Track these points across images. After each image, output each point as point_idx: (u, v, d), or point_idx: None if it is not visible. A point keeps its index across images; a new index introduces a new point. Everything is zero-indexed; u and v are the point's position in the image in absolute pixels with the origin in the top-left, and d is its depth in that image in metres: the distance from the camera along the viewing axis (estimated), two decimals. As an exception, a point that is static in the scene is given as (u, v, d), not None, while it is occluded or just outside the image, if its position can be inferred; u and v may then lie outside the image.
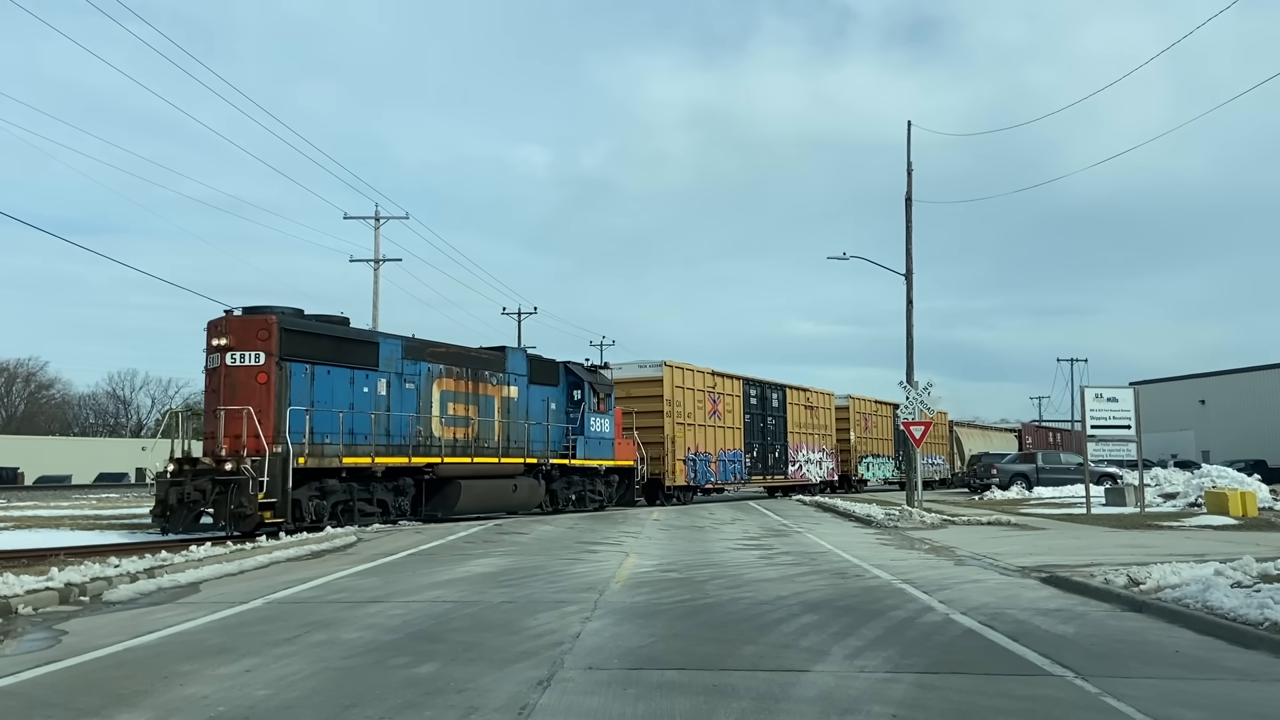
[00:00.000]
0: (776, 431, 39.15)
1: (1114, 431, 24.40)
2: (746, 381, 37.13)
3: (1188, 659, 6.86)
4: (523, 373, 24.85)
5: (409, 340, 21.48)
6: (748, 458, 36.47)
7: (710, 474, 33.70)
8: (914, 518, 21.31)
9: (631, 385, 31.24)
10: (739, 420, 36.01)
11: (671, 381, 31.79)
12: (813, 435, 42.28)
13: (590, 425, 27.02)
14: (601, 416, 27.64)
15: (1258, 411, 63.50)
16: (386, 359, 20.44)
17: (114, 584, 10.38)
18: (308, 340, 18.63)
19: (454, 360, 22.68)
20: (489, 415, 23.47)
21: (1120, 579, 10.02)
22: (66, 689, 6.10)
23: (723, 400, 34.97)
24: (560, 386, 26.58)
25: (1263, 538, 16.12)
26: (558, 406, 26.26)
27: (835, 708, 5.42)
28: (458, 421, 22.45)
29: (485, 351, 24.18)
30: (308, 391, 18.40)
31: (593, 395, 27.20)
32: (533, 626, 8.11)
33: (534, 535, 18.42)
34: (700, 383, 33.59)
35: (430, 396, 21.59)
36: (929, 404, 26.64)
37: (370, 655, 6.97)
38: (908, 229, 30.04)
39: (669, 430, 31.32)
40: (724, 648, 7.18)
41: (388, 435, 20.27)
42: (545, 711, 5.39)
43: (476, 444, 22.86)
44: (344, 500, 19.10)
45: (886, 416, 49.36)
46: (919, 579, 11.21)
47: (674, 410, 31.59)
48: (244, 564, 12.54)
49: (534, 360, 25.66)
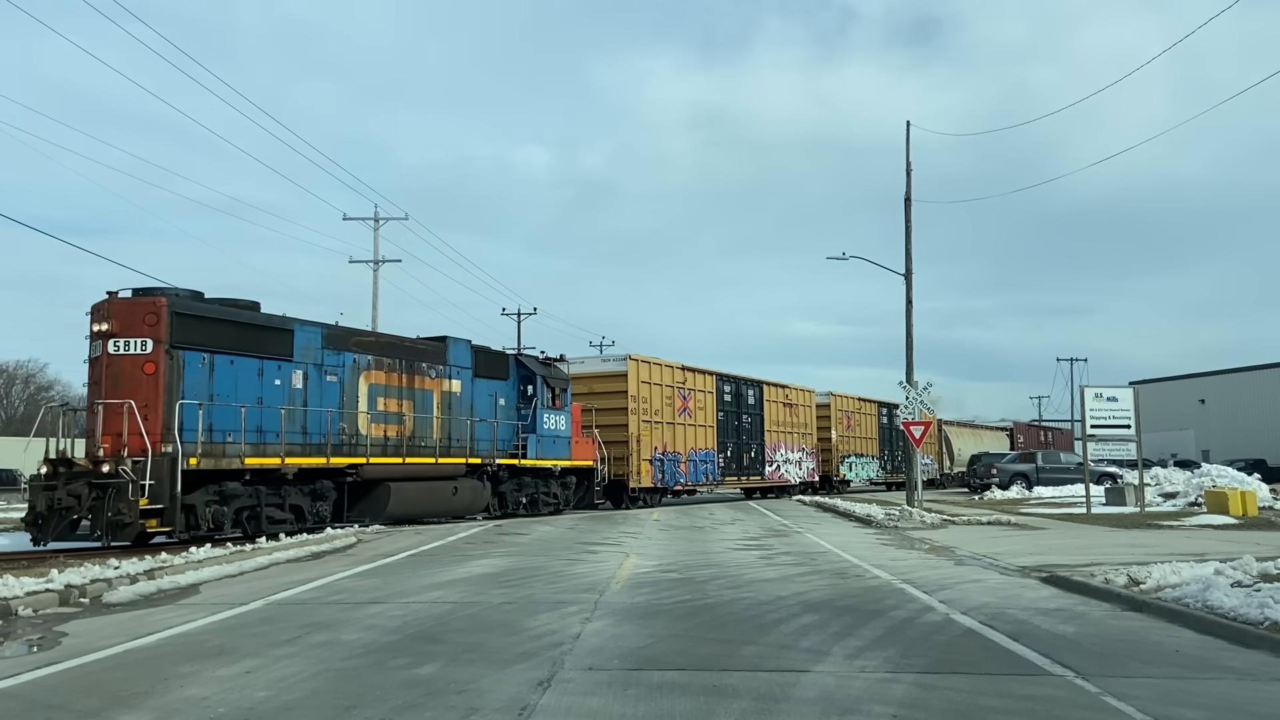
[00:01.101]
0: (753, 430, 37.46)
1: (1114, 431, 24.42)
2: (720, 377, 35.50)
3: (1188, 658, 6.85)
4: (467, 365, 22.95)
5: (331, 328, 19.45)
6: (721, 457, 34.84)
7: (680, 475, 32.04)
8: (914, 518, 21.32)
9: (593, 380, 29.46)
10: (712, 418, 34.42)
11: (637, 376, 29.96)
12: (792, 434, 40.59)
13: (543, 422, 25.05)
14: (557, 413, 25.68)
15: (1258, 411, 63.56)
16: (303, 348, 18.44)
17: (114, 586, 10.38)
18: (205, 326, 16.59)
19: (385, 351, 20.77)
20: (426, 411, 21.53)
21: (1120, 578, 10.02)
22: (67, 690, 6.10)
23: (694, 397, 33.28)
24: (510, 381, 24.62)
25: (1263, 537, 16.12)
26: (507, 402, 24.33)
27: (836, 708, 5.42)
28: (389, 418, 20.48)
29: (423, 342, 22.30)
30: (205, 384, 16.40)
31: (546, 390, 25.25)
32: (533, 627, 8.11)
33: (534, 536, 18.43)
34: (669, 378, 31.86)
35: (356, 390, 19.65)
36: (929, 404, 26.63)
37: (370, 656, 6.97)
38: (907, 229, 30.09)
39: (634, 428, 29.48)
40: (724, 648, 7.18)
41: (304, 433, 18.26)
42: (545, 712, 5.38)
43: (411, 443, 20.93)
44: (250, 506, 17.13)
45: (870, 414, 48.21)
46: (919, 579, 11.21)
47: (639, 407, 29.80)
48: (244, 565, 12.55)
49: (480, 352, 23.69)
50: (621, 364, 30.02)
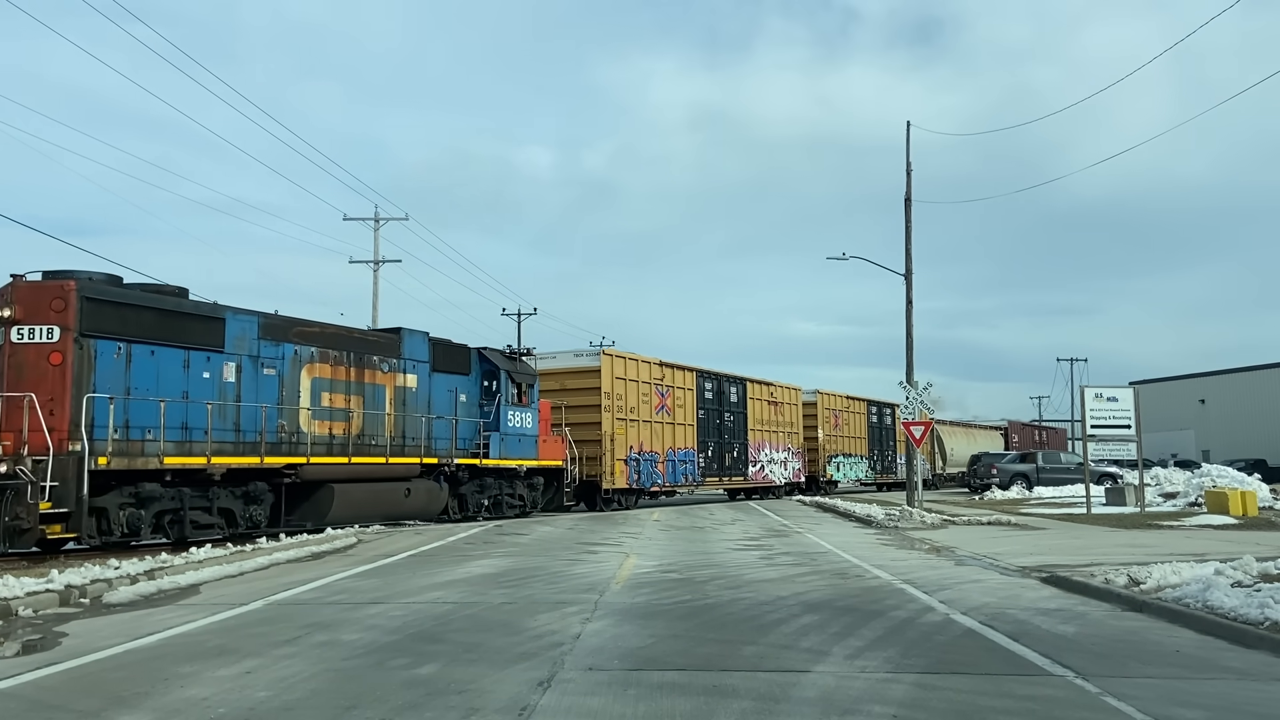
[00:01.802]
0: (735, 429, 35.83)
1: (1114, 431, 24.43)
2: (701, 374, 33.92)
3: (1188, 659, 6.86)
4: (423, 359, 21.46)
5: (268, 317, 17.91)
6: (701, 457, 33.30)
7: (657, 475, 30.51)
8: (914, 518, 21.33)
9: (565, 376, 28.06)
10: (692, 416, 32.87)
11: (611, 372, 28.44)
12: (777, 433, 38.95)
13: (507, 420, 23.56)
14: (522, 410, 24.17)
15: (1258, 411, 63.56)
16: (236, 339, 16.97)
17: (114, 586, 10.39)
18: (122, 313, 15.13)
19: (331, 342, 19.20)
20: (378, 408, 20.03)
21: (1121, 579, 10.03)
22: (67, 691, 6.10)
23: (673, 394, 31.82)
24: (472, 376, 23.12)
25: (1263, 537, 16.13)
26: (469, 398, 22.82)
27: (836, 708, 5.42)
28: (335, 415, 18.93)
29: (375, 334, 21.03)
30: (121, 376, 14.98)
31: (511, 386, 23.77)
32: (533, 627, 8.11)
33: (534, 536, 18.46)
34: (646, 374, 30.37)
35: (297, 384, 18.15)
36: (929, 404, 26.64)
37: (371, 656, 6.97)
38: (907, 229, 30.12)
39: (607, 426, 27.99)
40: (724, 648, 7.19)
41: (237, 431, 16.83)
42: (546, 712, 5.39)
43: (360, 441, 19.49)
44: (172, 510, 15.65)
45: (859, 413, 46.95)
46: (919, 579, 11.21)
47: (613, 404, 28.34)
48: (244, 566, 12.56)
49: (438, 345, 22.15)
50: (595, 359, 28.67)
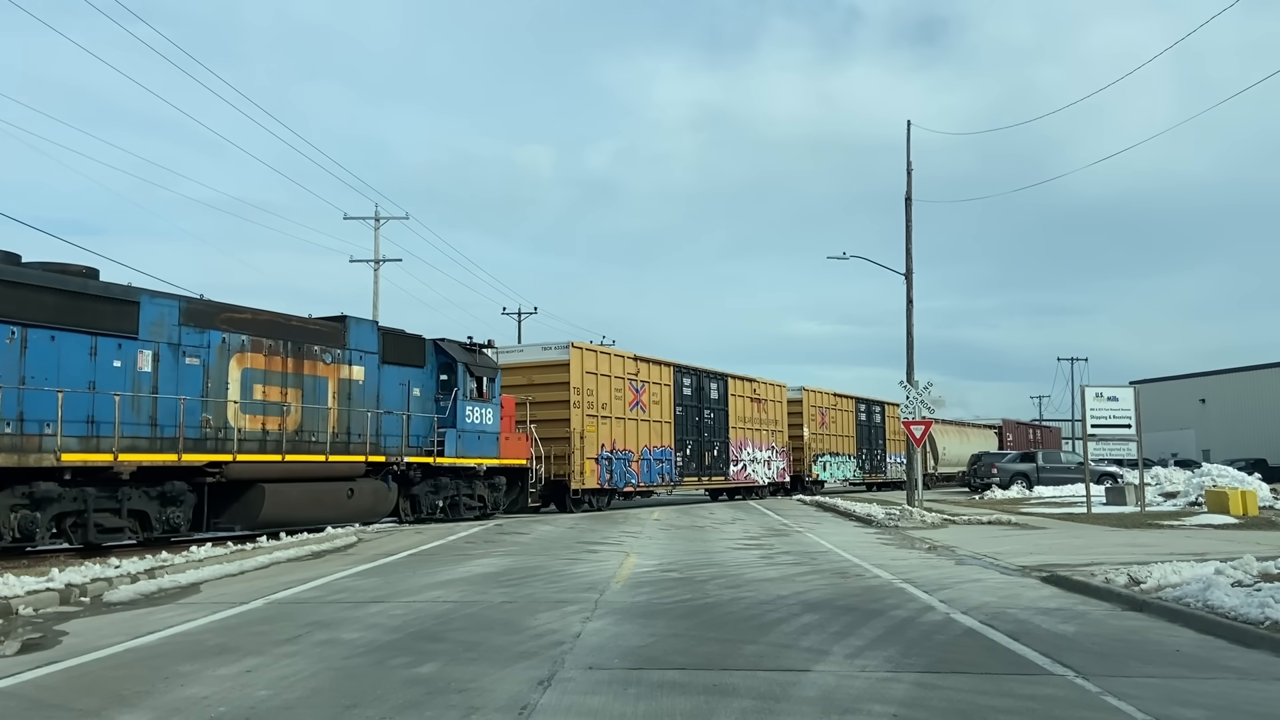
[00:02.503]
0: (716, 426, 34.53)
1: (1114, 431, 24.43)
2: (678, 369, 32.56)
3: (1189, 658, 6.86)
4: (372, 349, 20.04)
5: (192, 301, 16.47)
6: (679, 456, 31.98)
7: (631, 475, 29.19)
8: (914, 517, 21.35)
9: (532, 371, 26.96)
10: (669, 413, 31.55)
11: (580, 366, 27.19)
12: (760, 431, 37.67)
13: (465, 416, 22.14)
14: (482, 406, 22.73)
15: (1258, 410, 63.56)
16: (153, 324, 15.51)
17: (114, 585, 10.38)
18: (16, 294, 13.87)
19: (266, 330, 17.70)
20: (319, 401, 18.58)
21: (1121, 578, 10.03)
22: (67, 689, 6.10)
23: (648, 390, 30.46)
24: (427, 368, 21.69)
25: (1263, 537, 16.12)
26: (423, 392, 21.41)
27: (836, 707, 5.42)
28: (270, 409, 17.50)
29: (317, 322, 19.41)
30: (14, 363, 13.75)
31: (470, 380, 22.37)
32: (533, 626, 8.12)
33: (534, 535, 18.48)
34: (619, 368, 29.09)
35: (225, 375, 16.75)
36: (929, 403, 26.63)
37: (371, 655, 6.97)
38: (907, 229, 30.13)
39: (576, 424, 26.74)
40: (725, 647, 7.18)
41: (153, 425, 15.33)
42: (546, 711, 5.39)
43: (298, 438, 18.10)
44: (74, 511, 14.32)
45: (847, 411, 45.88)
46: (919, 578, 11.22)
47: (583, 400, 27.09)
48: (244, 564, 12.55)
49: (389, 335, 20.78)
50: (563, 353, 27.24)
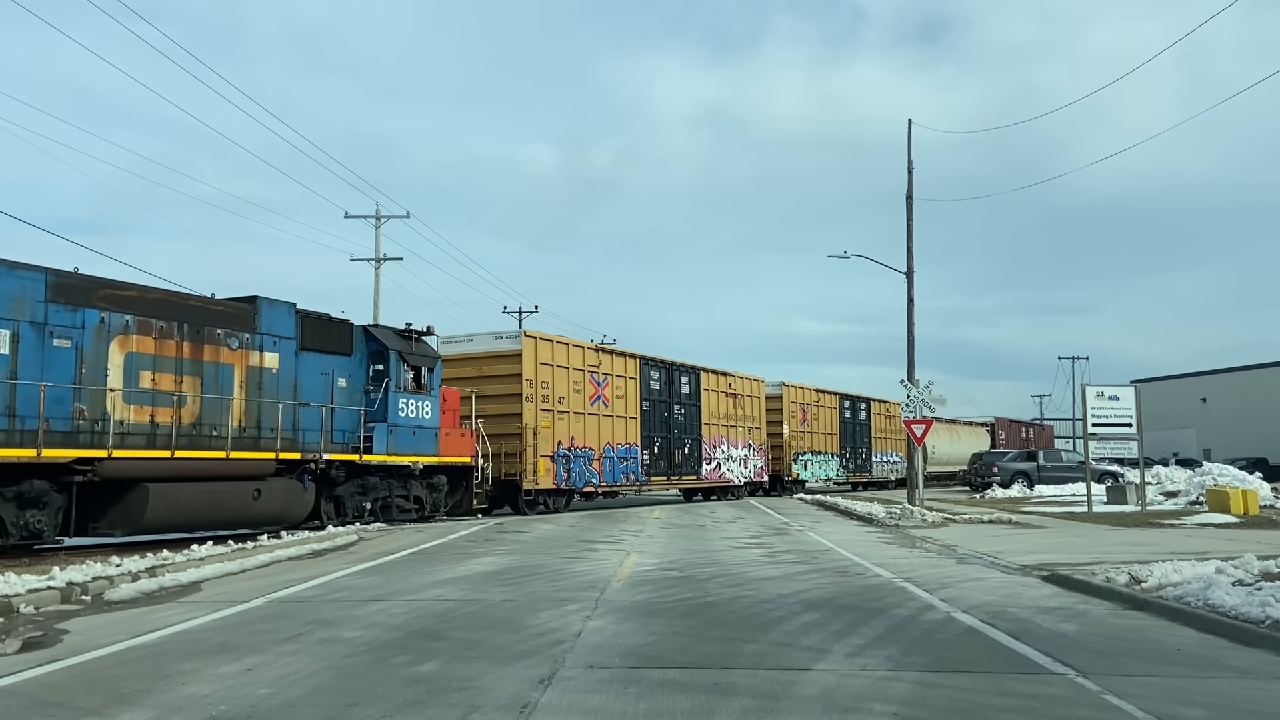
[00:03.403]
0: (687, 423, 32.73)
1: (1115, 429, 24.43)
2: (646, 361, 30.83)
3: (1189, 657, 6.86)
4: (288, 335, 18.03)
5: (62, 275, 14.48)
6: (646, 454, 30.21)
7: (591, 474, 27.51)
8: (915, 516, 21.35)
9: (482, 361, 25.20)
10: (635, 408, 29.77)
11: (534, 357, 25.41)
12: (736, 428, 35.86)
13: (398, 409, 20.23)
14: (419, 398, 20.82)
15: (1259, 409, 63.49)
16: (12, 301, 13.60)
17: (115, 583, 10.39)
18: None
19: (156, 310, 15.61)
20: (222, 391, 16.55)
21: (1122, 577, 10.03)
22: (68, 688, 6.10)
23: (611, 383, 28.75)
24: (356, 357, 19.77)
25: (1264, 536, 16.12)
26: (350, 383, 19.47)
27: (837, 706, 5.42)
28: (160, 399, 15.43)
29: (222, 303, 17.24)
30: None
31: (404, 369, 20.50)
32: (534, 625, 8.12)
33: (535, 534, 18.49)
34: (578, 360, 27.40)
35: (104, 360, 14.79)
36: (930, 402, 26.62)
37: (372, 654, 6.97)
38: (908, 227, 30.11)
39: (529, 418, 24.91)
40: (725, 646, 7.18)
41: (11, 415, 13.52)
42: (547, 710, 5.39)
43: (196, 432, 16.05)
44: None
45: (830, 407, 44.19)
46: (920, 577, 11.22)
47: (537, 393, 25.33)
48: (245, 563, 12.56)
49: (309, 319, 18.63)
50: (515, 342, 25.57)
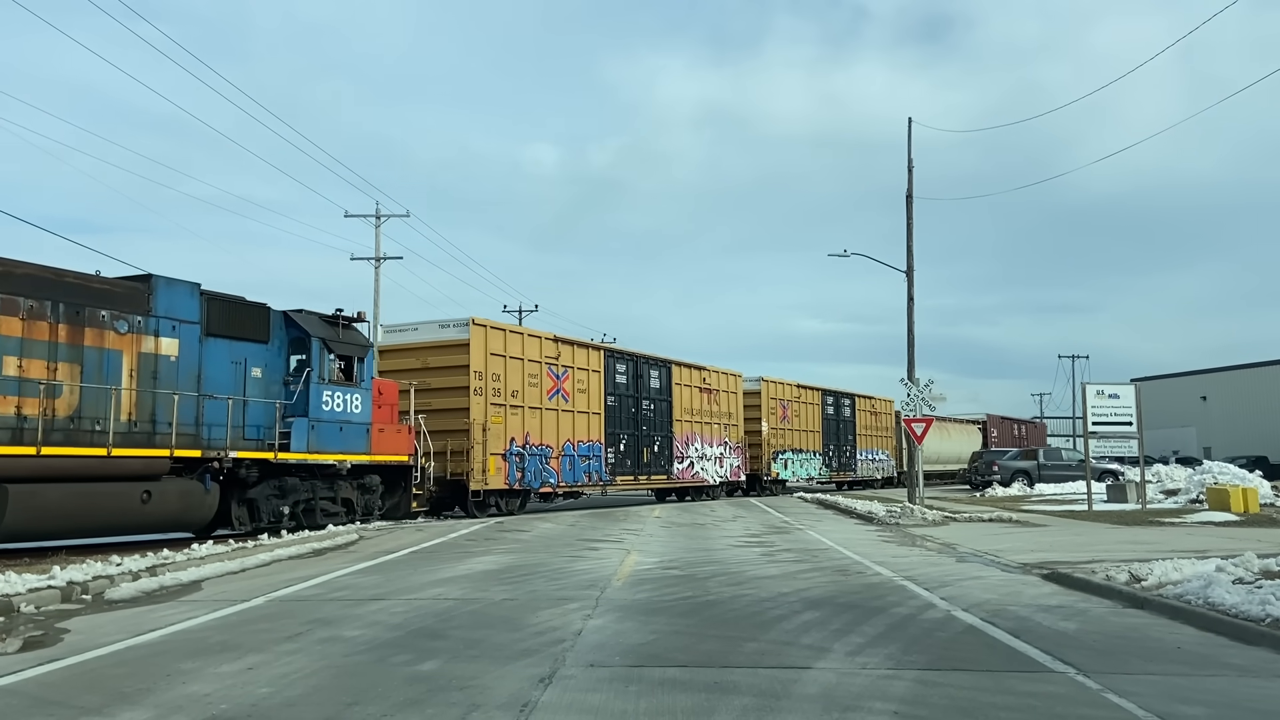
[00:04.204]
0: (657, 419, 31.09)
1: (1115, 428, 24.43)
2: (611, 354, 29.49)
3: (1190, 655, 6.86)
4: (191, 318, 15.85)
5: None
6: (611, 452, 28.64)
7: (549, 473, 25.78)
8: (915, 514, 21.37)
9: (427, 352, 23.56)
10: (598, 403, 28.19)
11: (484, 347, 23.66)
12: (711, 424, 34.37)
13: (321, 403, 18.16)
14: (347, 391, 18.88)
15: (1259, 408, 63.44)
16: None
17: (116, 582, 10.39)
18: None
19: (24, 288, 13.67)
20: (108, 380, 14.60)
21: (1122, 575, 10.03)
22: (68, 687, 6.10)
23: (572, 376, 27.11)
24: (273, 345, 17.69)
25: (1264, 534, 16.12)
26: (266, 374, 17.39)
27: (837, 705, 5.42)
28: (27, 388, 13.61)
29: (108, 282, 15.17)
30: None
31: (330, 359, 18.48)
32: (535, 624, 8.12)
33: (535, 533, 18.50)
34: (534, 351, 25.68)
35: None
36: (930, 400, 26.64)
37: (372, 653, 6.97)
38: (908, 226, 30.13)
39: (477, 413, 23.15)
40: (726, 645, 7.19)
41: None
42: (547, 709, 5.39)
43: (73, 426, 14.10)
44: None
45: (812, 404, 42.81)
46: (920, 576, 11.22)
47: (487, 386, 23.58)
48: (246, 562, 12.56)
49: (217, 301, 16.49)
50: (462, 330, 23.65)
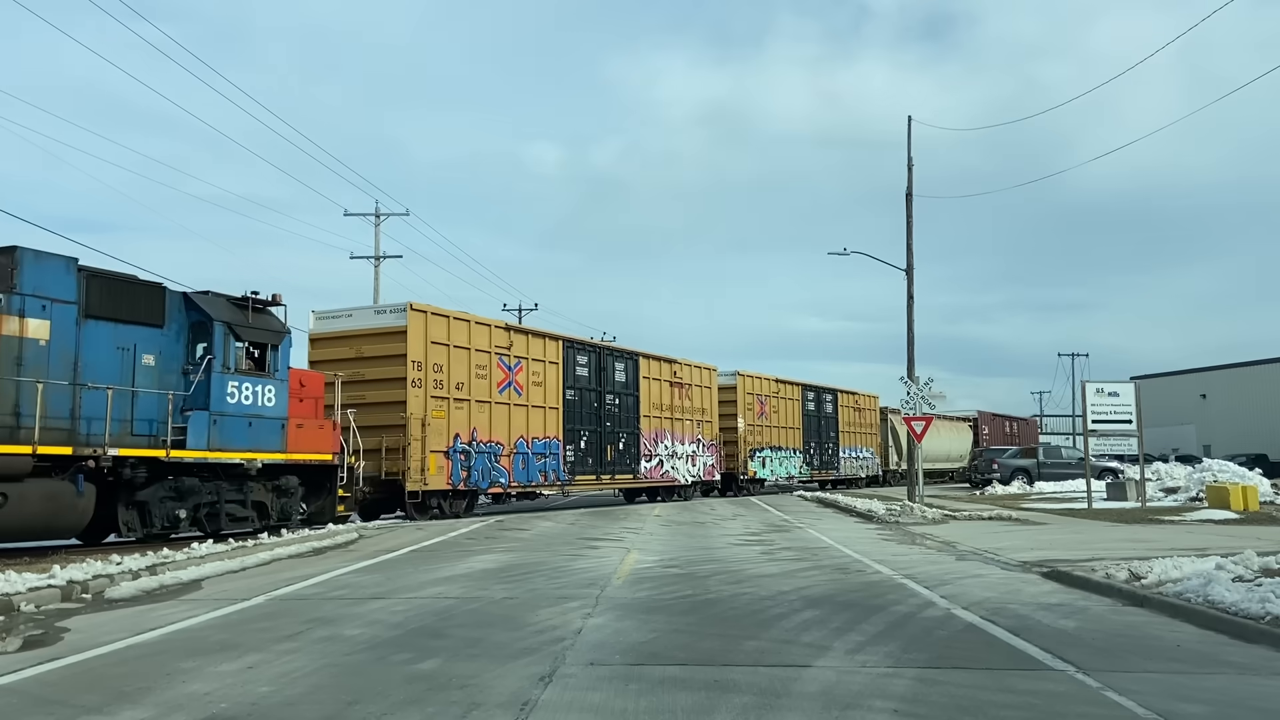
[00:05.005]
0: (622, 415, 29.47)
1: (1115, 426, 24.43)
2: (570, 344, 27.65)
3: (1189, 653, 6.86)
4: (66, 298, 13.85)
5: None
6: (571, 449, 26.90)
7: (499, 472, 23.89)
8: (915, 513, 21.37)
9: (361, 340, 21.54)
10: (556, 397, 26.42)
11: (424, 334, 21.74)
12: (682, 421, 32.53)
13: (226, 395, 15.88)
14: (259, 382, 16.55)
15: (1259, 406, 63.44)
16: None
17: (116, 581, 10.40)
18: None
19: None
20: None
21: (1122, 574, 10.03)
22: (69, 686, 6.10)
23: (526, 368, 25.24)
24: (170, 329, 15.48)
25: (1264, 532, 16.11)
26: (161, 361, 15.22)
27: (837, 703, 5.42)
28: None
29: None
30: None
31: (235, 346, 16.18)
32: (535, 622, 8.12)
33: (536, 531, 18.50)
34: (483, 340, 23.72)
35: None
36: (930, 399, 26.64)
37: (373, 651, 6.98)
38: (908, 224, 30.12)
39: (416, 407, 21.23)
40: (726, 643, 7.19)
41: None
42: (547, 707, 5.39)
43: None
44: None
45: (792, 399, 40.81)
46: (920, 574, 11.22)
47: (427, 377, 21.69)
48: (246, 561, 12.56)
49: (99, 280, 14.46)
50: (399, 316, 21.66)
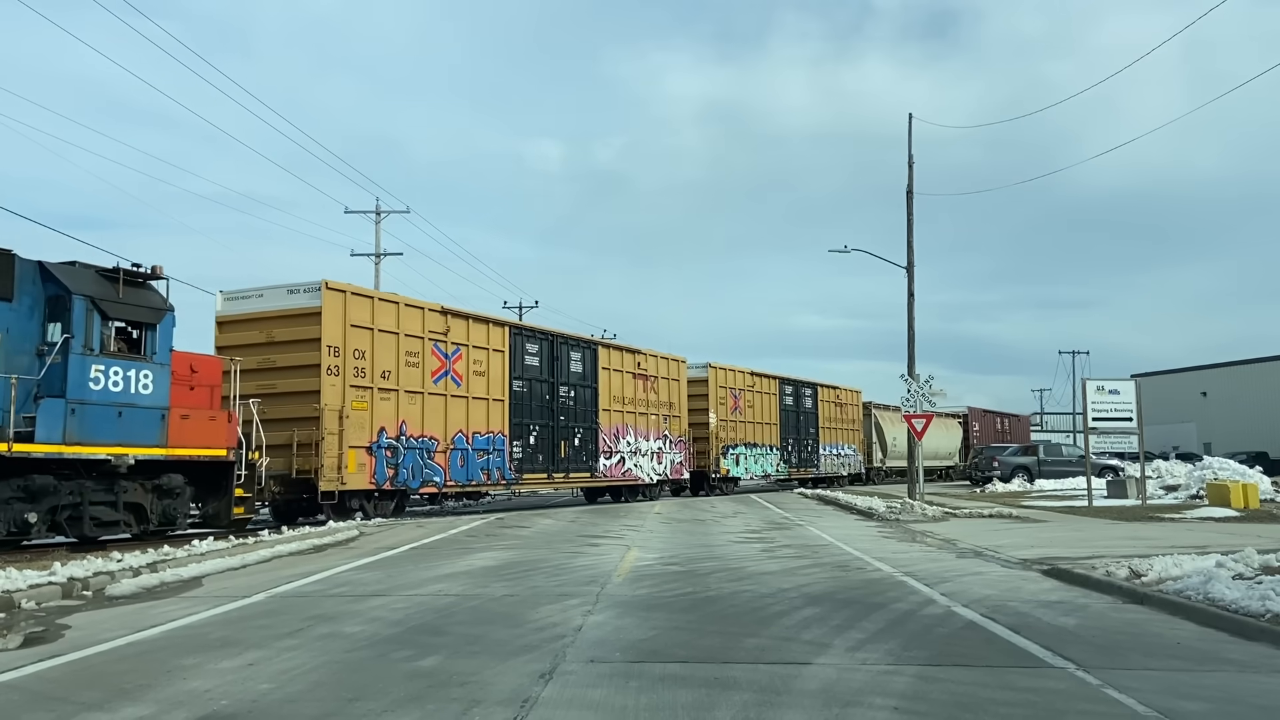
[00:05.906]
0: (578, 409, 27.06)
1: (1115, 424, 24.44)
2: (518, 331, 25.26)
3: (1189, 651, 6.86)
4: None
5: None
6: (518, 445, 24.43)
7: (434, 470, 21.57)
8: (915, 511, 21.36)
9: (272, 323, 19.22)
10: (501, 388, 23.89)
11: (341, 316, 19.34)
12: (647, 415, 30.34)
13: (88, 380, 13.83)
14: (133, 366, 14.43)
15: (1260, 403, 63.44)
16: None
17: (117, 578, 10.40)
18: None
19: None
20: None
21: (1122, 571, 10.03)
22: (69, 683, 6.11)
23: (466, 355, 22.74)
24: (20, 304, 13.60)
25: (1264, 530, 16.11)
26: (9, 340, 13.28)
27: (837, 700, 5.42)
28: None
29: None
30: None
31: (101, 325, 14.10)
32: (535, 620, 8.12)
33: (536, 529, 18.51)
34: (415, 324, 21.34)
35: None
36: (930, 397, 26.63)
37: (373, 649, 6.98)
38: (909, 222, 30.11)
39: (332, 398, 18.93)
40: (726, 640, 7.19)
41: None
42: (548, 704, 5.39)
43: None
44: None
45: (769, 394, 38.58)
46: (920, 572, 11.22)
47: (346, 364, 19.32)
48: (246, 558, 12.57)
49: None
50: (314, 297, 19.18)
